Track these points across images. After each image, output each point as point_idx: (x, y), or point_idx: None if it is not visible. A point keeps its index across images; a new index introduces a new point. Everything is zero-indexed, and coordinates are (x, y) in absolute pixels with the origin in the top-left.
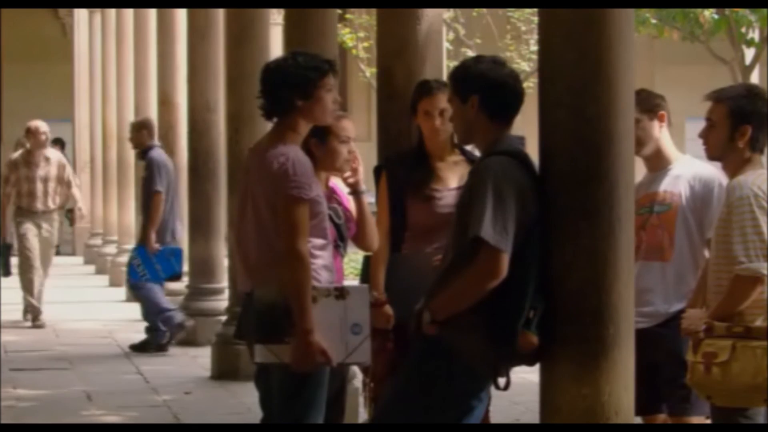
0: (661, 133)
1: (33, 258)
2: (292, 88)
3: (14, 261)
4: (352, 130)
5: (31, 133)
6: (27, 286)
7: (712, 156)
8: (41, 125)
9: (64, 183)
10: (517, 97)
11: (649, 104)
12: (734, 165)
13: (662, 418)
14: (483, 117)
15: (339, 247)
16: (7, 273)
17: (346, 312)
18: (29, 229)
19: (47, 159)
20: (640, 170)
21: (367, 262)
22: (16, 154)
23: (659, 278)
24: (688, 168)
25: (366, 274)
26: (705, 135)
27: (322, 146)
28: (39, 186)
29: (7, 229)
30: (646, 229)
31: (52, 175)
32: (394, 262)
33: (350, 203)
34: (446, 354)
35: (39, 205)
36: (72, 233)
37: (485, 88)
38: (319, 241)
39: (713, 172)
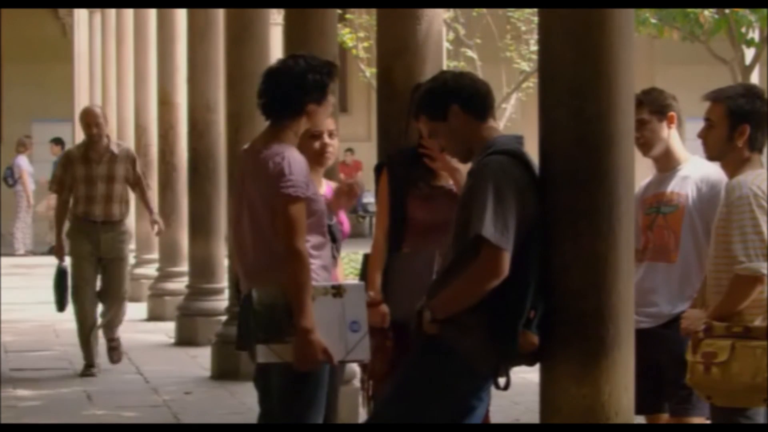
0: (671, 134)
1: (84, 290)
2: (308, 92)
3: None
4: (326, 124)
5: (87, 120)
6: (80, 324)
7: (711, 156)
8: (96, 110)
9: (135, 186)
10: (484, 84)
11: (659, 105)
12: (733, 165)
13: (665, 417)
14: (470, 120)
15: (332, 248)
16: (61, 306)
17: (344, 310)
18: (84, 249)
19: (113, 154)
20: (641, 170)
21: (366, 260)
22: (73, 148)
23: (664, 279)
24: (697, 169)
25: (365, 273)
26: (704, 135)
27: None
28: (100, 187)
29: (64, 249)
30: (653, 230)
31: (119, 175)
32: (394, 260)
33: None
34: (447, 353)
35: (98, 213)
36: None
37: (457, 92)
38: (318, 240)
39: (721, 174)
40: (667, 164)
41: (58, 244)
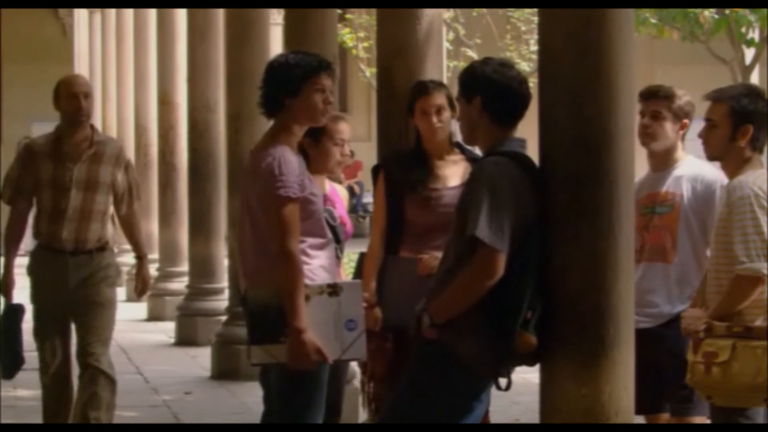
0: (677, 138)
1: (51, 349)
2: (280, 86)
3: None
4: (348, 133)
5: (71, 90)
6: (46, 399)
7: (711, 156)
8: (81, 79)
9: (122, 200)
10: (522, 101)
11: (680, 110)
12: (734, 165)
13: (665, 417)
14: (486, 119)
15: (335, 249)
16: (10, 370)
17: (340, 308)
18: (47, 292)
19: (98, 149)
20: (641, 170)
21: (362, 259)
22: (38, 138)
23: (662, 280)
24: (691, 168)
25: (360, 272)
26: (705, 135)
27: (316, 146)
28: (74, 198)
29: (14, 282)
30: (649, 230)
31: (104, 180)
32: (389, 264)
33: (345, 208)
34: (446, 356)
35: (66, 236)
36: None
37: (489, 90)
38: (316, 241)
39: (715, 173)
40: (662, 163)
41: (7, 277)
